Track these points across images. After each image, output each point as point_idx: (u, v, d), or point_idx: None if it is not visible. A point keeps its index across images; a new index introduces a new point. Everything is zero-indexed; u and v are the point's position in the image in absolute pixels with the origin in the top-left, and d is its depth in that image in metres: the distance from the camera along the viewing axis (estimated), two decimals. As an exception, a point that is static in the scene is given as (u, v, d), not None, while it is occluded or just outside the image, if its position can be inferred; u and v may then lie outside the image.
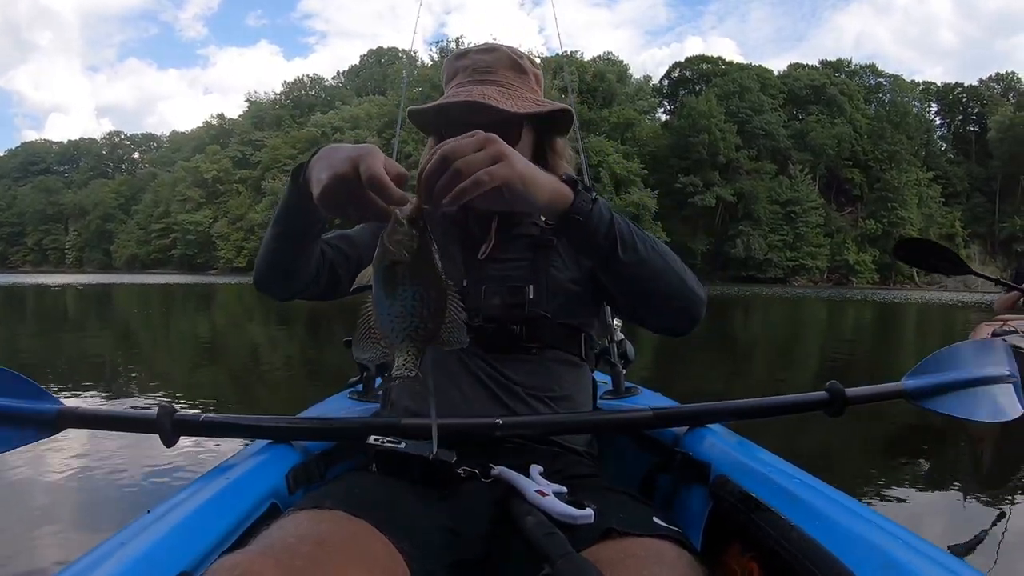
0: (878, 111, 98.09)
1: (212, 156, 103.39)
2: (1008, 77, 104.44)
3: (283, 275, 1.47)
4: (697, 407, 1.54)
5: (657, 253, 1.35)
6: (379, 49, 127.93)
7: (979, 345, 1.88)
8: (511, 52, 1.62)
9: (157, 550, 0.99)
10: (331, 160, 1.06)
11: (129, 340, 11.15)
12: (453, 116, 1.50)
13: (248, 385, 6.73)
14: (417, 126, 1.67)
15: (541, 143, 1.63)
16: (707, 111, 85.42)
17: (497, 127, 1.38)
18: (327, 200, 1.06)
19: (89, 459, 3.75)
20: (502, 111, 1.47)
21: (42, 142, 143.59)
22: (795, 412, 1.61)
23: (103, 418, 1.59)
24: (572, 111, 1.62)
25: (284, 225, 1.35)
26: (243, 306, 21.16)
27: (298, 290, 1.52)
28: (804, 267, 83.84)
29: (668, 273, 1.37)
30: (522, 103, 1.52)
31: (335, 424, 1.52)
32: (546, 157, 1.61)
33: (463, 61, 1.61)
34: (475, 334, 1.31)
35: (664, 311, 1.44)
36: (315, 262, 1.48)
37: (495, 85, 1.54)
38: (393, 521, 1.11)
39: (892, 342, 9.87)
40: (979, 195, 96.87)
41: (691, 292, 1.41)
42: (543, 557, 1.01)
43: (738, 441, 1.47)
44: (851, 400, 1.58)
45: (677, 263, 1.40)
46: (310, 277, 1.49)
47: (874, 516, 1.06)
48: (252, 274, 1.52)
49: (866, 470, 3.62)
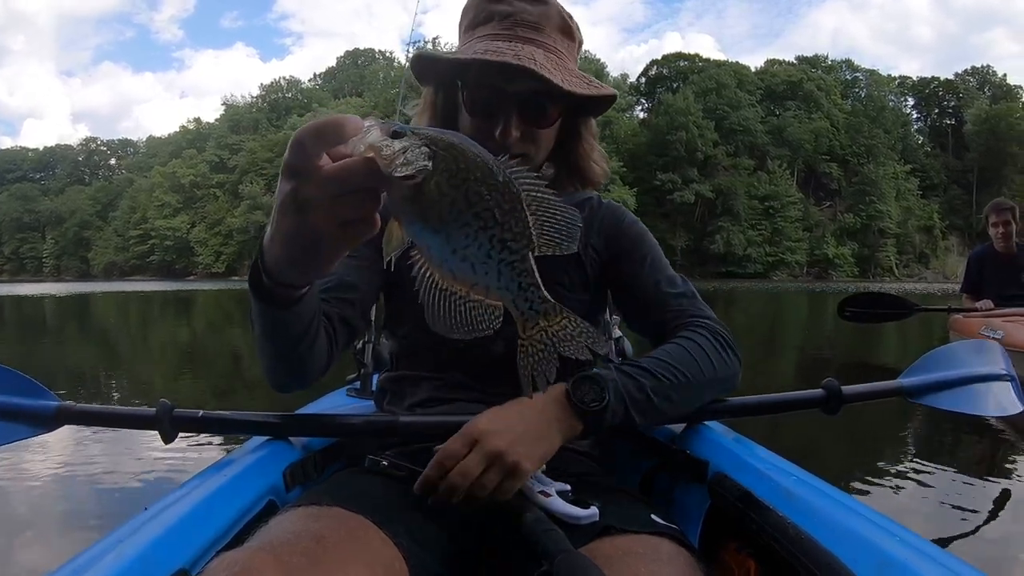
0: (855, 106, 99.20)
1: (189, 161, 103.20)
2: (983, 71, 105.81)
3: (300, 374, 1.24)
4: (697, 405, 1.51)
5: (686, 387, 1.30)
6: (356, 50, 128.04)
7: (975, 345, 1.91)
8: (562, 9, 1.39)
9: (154, 548, 0.98)
10: (276, 213, 0.79)
11: (115, 350, 11.01)
12: (481, 73, 1.31)
13: (243, 386, 6.65)
14: (417, 74, 1.44)
15: (575, 121, 1.46)
16: (684, 108, 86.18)
17: (535, 100, 1.32)
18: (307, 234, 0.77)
19: (83, 458, 3.71)
20: (553, 85, 1.26)
21: (17, 149, 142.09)
22: (791, 410, 1.59)
23: (102, 415, 1.58)
24: (616, 96, 1.44)
25: (274, 341, 1.13)
26: (223, 311, 21.01)
27: (323, 369, 1.29)
28: (784, 262, 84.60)
29: (695, 396, 1.36)
30: (572, 78, 1.32)
31: (333, 420, 1.50)
32: (580, 138, 1.48)
33: (501, 6, 1.35)
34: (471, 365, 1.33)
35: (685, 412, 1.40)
36: (324, 337, 1.25)
37: (544, 48, 1.32)
38: (391, 517, 1.09)
39: (872, 332, 9.87)
40: (956, 187, 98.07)
41: (722, 387, 1.41)
42: (542, 554, 1.00)
43: (736, 439, 1.46)
44: (848, 398, 1.56)
45: (709, 368, 1.34)
46: (326, 353, 1.27)
47: (871, 513, 1.06)
48: (266, 379, 1.26)
49: (859, 465, 3.60)
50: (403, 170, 0.68)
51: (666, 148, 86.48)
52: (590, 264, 1.51)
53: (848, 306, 7.41)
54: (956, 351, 1.85)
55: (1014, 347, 4.53)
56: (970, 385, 1.69)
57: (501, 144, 1.30)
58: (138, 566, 0.93)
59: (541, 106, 1.33)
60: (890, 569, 0.91)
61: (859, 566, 0.94)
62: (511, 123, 1.31)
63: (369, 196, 0.71)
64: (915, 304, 7.21)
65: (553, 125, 1.39)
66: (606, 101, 1.42)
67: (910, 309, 7.24)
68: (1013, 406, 1.67)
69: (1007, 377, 1.73)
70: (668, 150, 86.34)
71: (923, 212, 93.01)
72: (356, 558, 0.95)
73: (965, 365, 1.75)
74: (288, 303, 1.00)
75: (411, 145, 0.69)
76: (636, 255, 1.52)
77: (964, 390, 1.69)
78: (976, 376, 1.70)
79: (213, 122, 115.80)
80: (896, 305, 7.34)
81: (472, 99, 1.35)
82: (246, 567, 0.84)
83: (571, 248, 0.74)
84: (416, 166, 0.68)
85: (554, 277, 1.40)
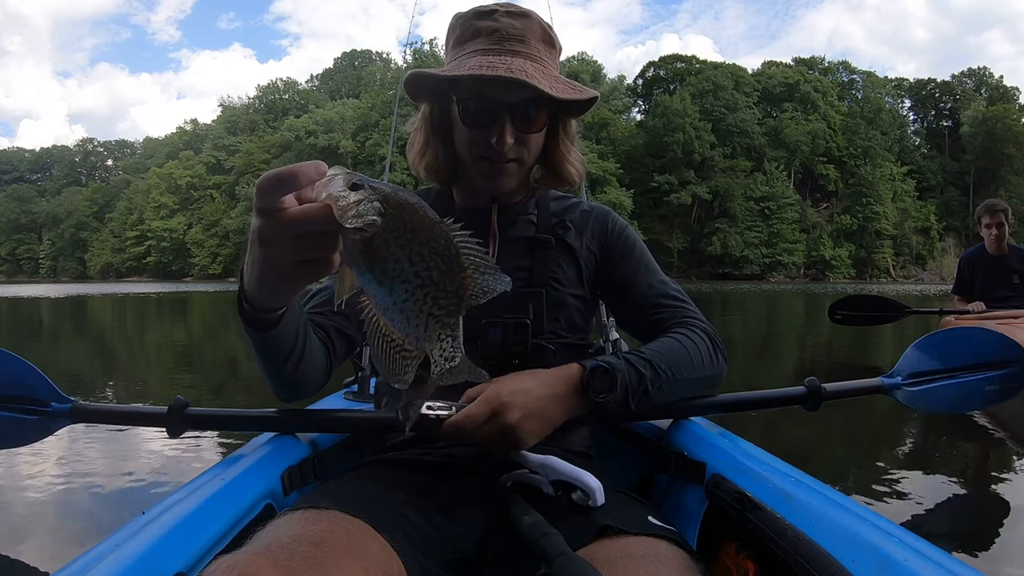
0: (852, 107, 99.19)
1: (186, 162, 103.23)
2: (980, 72, 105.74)
3: (296, 386, 1.34)
4: (681, 400, 1.53)
5: (678, 381, 1.39)
6: (353, 52, 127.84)
7: (958, 333, 1.93)
8: (542, 21, 1.47)
9: (153, 551, 0.98)
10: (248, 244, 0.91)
11: (112, 351, 11.00)
12: (475, 87, 1.37)
13: (243, 386, 6.65)
14: (409, 92, 1.50)
15: (555, 124, 1.51)
16: (681, 110, 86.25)
17: (526, 107, 1.39)
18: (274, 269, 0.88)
19: (82, 461, 3.70)
20: (542, 92, 1.33)
21: (14, 150, 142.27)
22: (774, 406, 1.66)
23: (112, 413, 1.65)
24: (598, 98, 1.49)
25: (264, 359, 1.24)
26: (219, 313, 20.98)
27: (322, 380, 1.41)
28: (781, 263, 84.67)
29: (685, 390, 1.45)
30: (558, 85, 1.39)
31: (337, 416, 1.52)
32: (558, 141, 1.53)
33: (487, 22, 1.41)
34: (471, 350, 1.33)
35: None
36: (321, 347, 1.37)
37: (530, 59, 1.39)
38: (390, 521, 1.10)
39: (870, 334, 9.88)
40: (953, 189, 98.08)
41: (710, 383, 1.49)
42: (541, 557, 1.00)
43: (732, 441, 1.48)
44: (828, 395, 1.64)
45: (700, 364, 1.43)
46: (323, 366, 1.38)
47: (869, 514, 1.06)
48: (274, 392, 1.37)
49: (855, 466, 3.61)
50: (354, 222, 0.73)
51: (663, 150, 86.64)
52: (585, 263, 1.55)
53: (838, 309, 7.33)
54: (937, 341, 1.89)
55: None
56: (950, 379, 1.77)
57: (497, 150, 1.39)
58: (137, 569, 0.93)
59: (531, 113, 1.39)
60: (888, 570, 0.91)
61: (857, 567, 0.94)
62: (505, 131, 1.38)
63: (326, 239, 0.79)
64: (906, 306, 7.14)
65: (542, 130, 1.45)
66: (587, 103, 1.47)
67: (901, 311, 7.17)
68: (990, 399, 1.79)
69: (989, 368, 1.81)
70: (665, 152, 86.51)
71: (920, 214, 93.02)
72: (355, 562, 0.96)
73: (947, 356, 1.82)
74: (267, 325, 1.11)
75: (365, 199, 0.74)
76: (629, 258, 1.58)
77: (945, 387, 1.76)
78: (956, 368, 1.78)
79: (210, 123, 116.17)
80: (887, 307, 7.28)
81: (467, 111, 1.41)
82: (245, 571, 0.84)
83: (499, 291, 0.84)
84: (366, 220, 0.74)
85: (553, 273, 1.49)
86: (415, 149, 1.55)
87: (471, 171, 1.48)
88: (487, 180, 1.46)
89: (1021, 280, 6.19)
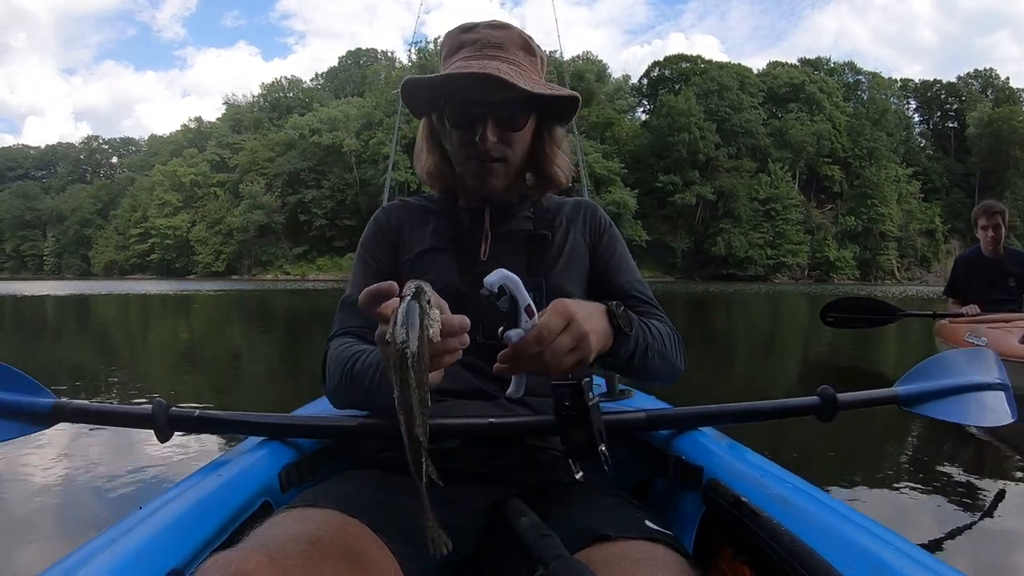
0: (857, 108, 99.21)
1: (190, 160, 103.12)
2: (986, 73, 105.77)
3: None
4: (690, 410, 1.54)
5: (663, 356, 1.45)
6: (358, 50, 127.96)
7: (970, 354, 1.91)
8: (522, 32, 1.55)
9: (147, 547, 0.98)
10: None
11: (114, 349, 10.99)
12: (459, 90, 1.45)
13: (242, 387, 6.64)
14: (408, 105, 1.59)
15: (541, 129, 1.57)
16: (686, 110, 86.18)
17: (507, 106, 1.45)
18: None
19: (77, 456, 3.70)
20: (517, 88, 1.39)
21: (19, 147, 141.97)
22: (786, 416, 1.60)
23: (98, 412, 1.59)
24: (579, 99, 1.56)
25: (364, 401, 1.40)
26: (221, 312, 20.99)
27: None
28: (785, 264, 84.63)
29: (664, 368, 1.47)
30: (535, 84, 1.45)
31: (329, 422, 1.50)
32: (544, 145, 1.58)
33: (470, 35, 1.51)
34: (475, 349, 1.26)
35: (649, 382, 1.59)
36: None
37: (508, 63, 1.46)
38: (386, 521, 1.11)
39: (871, 336, 9.82)
40: (958, 191, 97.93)
41: (675, 373, 1.53)
42: (537, 559, 1.01)
43: (730, 445, 1.47)
44: (842, 405, 1.58)
45: (673, 352, 1.49)
46: None
47: (865, 521, 1.06)
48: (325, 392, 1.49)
49: (853, 472, 3.59)
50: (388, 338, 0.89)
51: (668, 150, 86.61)
52: (580, 254, 1.63)
53: (830, 311, 7.19)
54: (951, 359, 1.86)
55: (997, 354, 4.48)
56: (964, 395, 1.70)
57: (482, 148, 1.45)
58: (131, 565, 0.93)
59: (512, 112, 1.46)
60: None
61: (853, 573, 0.94)
62: (487, 129, 1.44)
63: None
64: (899, 309, 7.02)
65: (524, 129, 1.50)
66: (571, 107, 1.55)
67: (894, 314, 7.04)
68: (1005, 416, 1.68)
69: (1000, 386, 1.74)
70: (670, 152, 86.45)
71: (925, 215, 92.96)
72: (351, 561, 0.96)
73: (960, 374, 1.76)
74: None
75: (400, 324, 0.88)
76: (613, 252, 1.67)
77: (958, 399, 1.70)
78: (969, 385, 1.72)
79: (214, 121, 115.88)
80: (880, 310, 7.16)
81: (452, 112, 1.48)
82: (241, 568, 0.85)
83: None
84: (398, 342, 0.87)
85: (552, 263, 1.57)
86: (420, 160, 1.63)
87: (463, 172, 1.54)
88: (476, 180, 1.52)
89: (1017, 283, 6.14)
